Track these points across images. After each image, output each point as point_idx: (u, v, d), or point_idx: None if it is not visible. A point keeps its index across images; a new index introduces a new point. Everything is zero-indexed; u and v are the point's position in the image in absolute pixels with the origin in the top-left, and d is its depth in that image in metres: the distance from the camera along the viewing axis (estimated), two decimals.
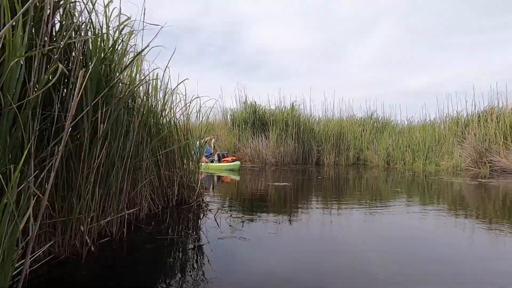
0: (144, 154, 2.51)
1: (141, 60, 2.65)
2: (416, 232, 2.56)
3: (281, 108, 11.52)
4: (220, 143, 11.15)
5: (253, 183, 5.60)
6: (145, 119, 2.67)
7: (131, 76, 2.46)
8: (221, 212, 2.86)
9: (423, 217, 3.09)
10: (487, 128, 10.32)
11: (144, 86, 2.64)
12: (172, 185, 3.19)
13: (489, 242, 2.28)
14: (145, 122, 2.65)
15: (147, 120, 2.65)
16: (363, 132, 12.63)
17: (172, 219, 2.61)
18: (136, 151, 2.44)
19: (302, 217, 2.88)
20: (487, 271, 1.72)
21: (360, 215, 3.09)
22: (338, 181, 6.55)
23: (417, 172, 9.06)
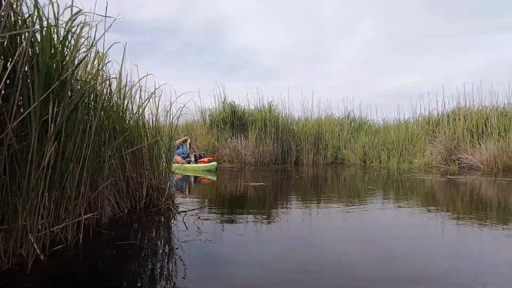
0: (106, 155, 2.38)
1: (104, 57, 2.51)
2: (392, 228, 2.65)
3: (260, 108, 11.51)
4: (199, 143, 10.98)
5: (230, 183, 5.53)
6: (108, 118, 2.54)
7: (91, 73, 2.32)
8: (190, 215, 2.77)
9: (397, 213, 3.22)
10: (455, 127, 10.83)
11: (107, 84, 2.51)
12: (140, 187, 3.06)
13: (459, 234, 2.44)
14: (108, 121, 2.52)
15: (109, 119, 2.52)
16: (341, 132, 12.88)
17: (138, 223, 2.49)
18: (97, 152, 2.31)
19: (276, 217, 2.85)
20: (459, 261, 1.84)
21: (338, 213, 3.11)
22: (316, 180, 6.62)
23: (391, 170, 9.35)
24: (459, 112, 11.22)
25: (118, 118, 2.72)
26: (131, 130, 2.93)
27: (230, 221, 2.62)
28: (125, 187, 2.85)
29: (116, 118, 2.66)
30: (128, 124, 2.93)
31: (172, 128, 3.34)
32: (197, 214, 2.79)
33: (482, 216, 3.04)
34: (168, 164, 3.31)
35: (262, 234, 2.29)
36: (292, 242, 2.14)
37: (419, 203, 3.83)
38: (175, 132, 3.52)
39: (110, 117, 2.53)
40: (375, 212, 3.24)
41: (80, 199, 2.00)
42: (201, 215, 2.76)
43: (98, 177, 2.31)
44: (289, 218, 2.81)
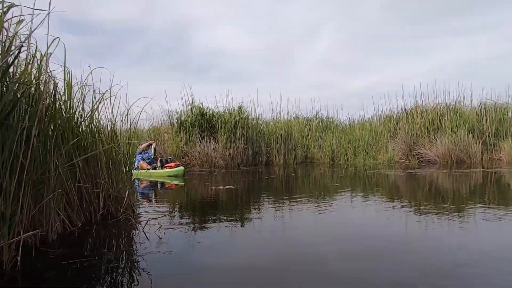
0: (52, 165, 2.15)
1: (46, 57, 2.27)
2: (360, 222, 2.81)
3: (229, 110, 11.40)
4: (166, 147, 10.61)
5: (198, 188, 5.36)
6: (54, 124, 2.31)
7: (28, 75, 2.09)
8: (152, 224, 2.60)
9: (365, 207, 3.41)
10: (414, 123, 11.52)
11: (49, 87, 2.27)
12: (96, 197, 2.82)
13: (421, 222, 2.67)
14: (54, 127, 2.29)
15: (55, 124, 2.29)
16: (309, 131, 13.18)
17: (92, 238, 2.28)
18: (40, 162, 2.07)
19: (244, 221, 2.77)
20: (422, 247, 2.00)
21: (307, 213, 3.11)
22: (287, 180, 6.65)
23: (358, 167, 9.70)
24: (416, 110, 11.97)
25: (67, 123, 2.49)
26: (83, 135, 2.70)
27: (195, 228, 2.49)
28: (78, 199, 2.60)
29: (63, 124, 2.43)
30: (79, 130, 2.69)
31: (130, 133, 3.14)
32: (159, 223, 2.62)
33: (440, 206, 3.25)
34: (127, 172, 3.10)
35: (228, 241, 2.19)
36: (261, 248, 2.07)
37: (384, 198, 4.02)
38: (135, 137, 3.31)
39: (56, 123, 2.30)
40: (344, 209, 3.36)
41: (18, 215, 1.77)
42: (164, 224, 2.60)
43: (42, 189, 2.08)
44: (258, 222, 2.74)
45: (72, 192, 2.54)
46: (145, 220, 2.77)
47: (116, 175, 2.98)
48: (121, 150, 3.01)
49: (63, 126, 2.42)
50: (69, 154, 2.55)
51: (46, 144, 2.15)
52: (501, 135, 10.58)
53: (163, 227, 2.50)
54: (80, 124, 2.72)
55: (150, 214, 2.98)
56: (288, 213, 3.13)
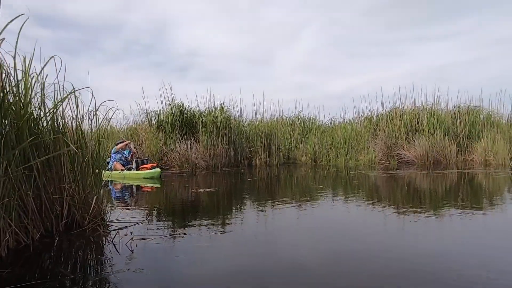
0: (0, 168, 1.84)
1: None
2: (343, 225, 2.82)
3: (211, 109, 11.09)
4: (144, 148, 10.13)
5: (177, 191, 5.07)
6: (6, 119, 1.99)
7: None
8: (124, 234, 2.33)
9: (346, 208, 3.44)
10: (393, 125, 11.75)
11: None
12: (59, 204, 2.50)
13: (401, 222, 2.79)
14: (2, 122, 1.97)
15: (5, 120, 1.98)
16: (292, 132, 13.11)
17: (49, 253, 1.98)
18: None
19: (225, 229, 2.55)
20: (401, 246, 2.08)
21: (291, 215, 3.00)
22: (270, 181, 6.48)
23: (340, 168, 9.72)
24: (395, 112, 12.22)
25: (22, 119, 2.16)
26: (43, 134, 2.37)
27: (172, 239, 2.24)
28: (37, 207, 2.28)
29: (17, 120, 2.10)
30: (38, 128, 2.37)
31: (99, 132, 2.83)
32: (132, 233, 2.35)
33: (419, 207, 3.37)
34: (97, 175, 2.79)
35: (209, 255, 1.97)
36: (245, 263, 1.86)
37: (365, 198, 4.04)
38: (104, 137, 3.00)
39: (6, 116, 1.98)
40: (325, 210, 3.37)
41: None
42: (137, 234, 2.34)
43: None
44: (240, 231, 2.53)
45: (29, 198, 2.22)
46: (115, 229, 2.49)
47: (83, 179, 2.67)
48: (89, 151, 2.69)
49: (16, 123, 2.10)
50: (25, 156, 2.23)
51: None
52: (474, 137, 11.01)
53: (135, 237, 2.24)
54: (39, 121, 2.39)
55: (122, 222, 2.69)
56: (271, 219, 2.95)
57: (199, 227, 2.59)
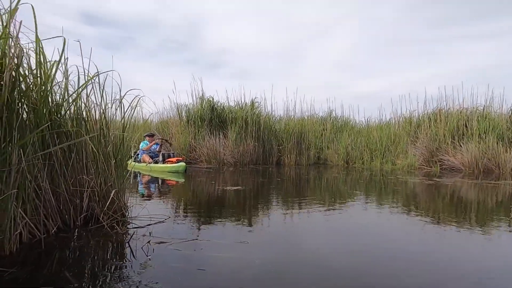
0: (13, 155, 1.69)
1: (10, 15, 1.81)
2: (379, 235, 2.49)
3: (241, 105, 10.88)
4: (174, 141, 10.18)
5: (203, 188, 4.88)
6: (22, 102, 1.85)
7: None
8: (141, 235, 2.12)
9: (379, 216, 3.13)
10: (437, 128, 10.74)
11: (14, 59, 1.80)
12: (79, 197, 2.36)
13: (442, 236, 2.44)
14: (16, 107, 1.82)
15: (21, 103, 1.83)
16: (323, 131, 12.53)
17: (60, 252, 1.80)
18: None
19: (253, 238, 2.25)
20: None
21: (323, 223, 2.64)
22: (299, 182, 6.11)
23: (374, 171, 9.06)
24: (439, 113, 11.16)
25: (42, 103, 2.02)
26: (62, 121, 2.23)
27: (192, 243, 1.99)
28: (53, 199, 2.15)
29: (35, 103, 1.96)
30: (58, 115, 2.23)
31: (124, 122, 2.65)
32: (150, 234, 2.13)
33: (463, 220, 2.95)
34: (119, 167, 2.62)
35: (230, 266, 1.68)
36: (272, 278, 1.55)
37: (402, 206, 3.63)
38: (129, 128, 2.83)
39: (21, 99, 1.83)
40: (358, 216, 3.06)
41: None
42: (156, 234, 2.12)
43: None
44: (267, 238, 2.23)
45: (47, 190, 2.08)
46: (134, 228, 2.29)
47: (105, 171, 2.51)
48: (111, 142, 2.52)
49: (34, 107, 1.95)
50: (44, 143, 2.10)
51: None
52: None
53: (154, 239, 2.01)
54: (60, 107, 2.25)
55: (142, 220, 2.50)
56: (302, 227, 2.61)
57: (223, 232, 2.32)
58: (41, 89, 1.99)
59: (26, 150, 1.79)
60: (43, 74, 2.02)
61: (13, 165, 1.67)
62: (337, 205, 3.56)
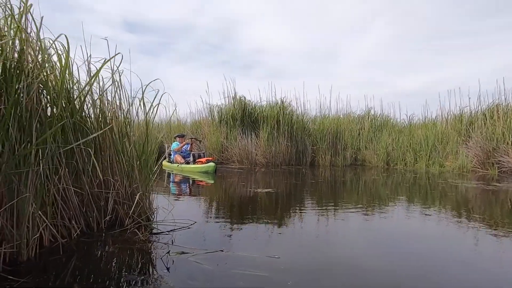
0: (31, 157, 1.61)
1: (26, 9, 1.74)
2: (420, 241, 2.28)
3: (273, 104, 10.62)
4: (206, 142, 10.23)
5: (233, 190, 4.70)
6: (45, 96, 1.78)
7: None
8: (163, 243, 1.96)
9: (425, 223, 2.80)
10: (494, 126, 9.54)
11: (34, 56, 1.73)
12: (104, 199, 2.28)
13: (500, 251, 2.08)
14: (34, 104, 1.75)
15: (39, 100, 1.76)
16: (361, 131, 11.79)
17: (77, 259, 1.69)
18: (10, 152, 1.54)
19: (281, 249, 1.99)
20: None
21: (360, 230, 2.32)
22: (334, 185, 5.69)
23: (419, 174, 8.26)
24: (497, 110, 9.91)
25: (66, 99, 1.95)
26: (84, 119, 2.15)
27: (216, 256, 1.78)
28: (77, 201, 2.07)
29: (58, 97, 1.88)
30: (81, 113, 2.16)
31: (147, 121, 2.53)
32: (173, 242, 1.97)
33: None
34: (143, 168, 2.51)
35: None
36: None
37: (457, 215, 3.15)
38: (152, 127, 2.71)
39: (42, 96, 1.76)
40: (406, 226, 2.69)
41: None
42: (178, 241, 1.95)
43: (15, 192, 1.54)
44: (302, 252, 1.95)
45: (70, 191, 2.01)
46: (157, 233, 2.15)
47: (129, 172, 2.41)
48: (132, 141, 2.42)
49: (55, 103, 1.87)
50: (67, 142, 2.03)
51: (20, 126, 1.60)
52: None
53: (176, 248, 1.84)
54: (82, 104, 2.17)
55: (167, 224, 2.36)
56: (340, 237, 2.28)
57: (251, 243, 2.08)
58: (59, 82, 1.91)
59: (45, 150, 1.71)
60: (62, 68, 1.94)
61: (31, 165, 1.59)
62: (378, 212, 3.16)
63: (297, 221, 2.76)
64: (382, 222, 2.76)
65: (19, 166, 1.56)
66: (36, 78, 1.71)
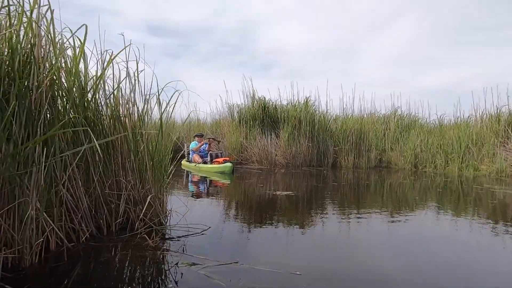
0: (35, 156, 1.51)
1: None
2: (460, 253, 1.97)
3: (294, 103, 10.34)
4: (226, 142, 10.14)
5: (249, 192, 4.52)
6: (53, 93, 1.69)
7: None
8: (173, 252, 1.82)
9: (458, 232, 2.51)
10: None
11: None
12: (115, 201, 2.18)
13: None
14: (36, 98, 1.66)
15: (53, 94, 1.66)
16: (386, 131, 11.22)
17: (82, 266, 1.58)
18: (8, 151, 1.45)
19: (304, 263, 1.78)
20: None
21: (388, 241, 2.04)
22: (358, 188, 5.37)
23: (451, 177, 7.68)
24: None
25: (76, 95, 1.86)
26: (96, 115, 2.06)
27: (229, 270, 1.60)
28: (87, 202, 1.98)
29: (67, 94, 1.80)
30: (97, 114, 2.07)
31: (162, 120, 2.41)
32: (184, 250, 1.82)
33: None
34: (156, 169, 2.39)
35: None
36: None
37: (488, 222, 2.82)
38: (167, 126, 2.59)
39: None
40: (442, 239, 2.31)
41: None
42: (189, 252, 1.80)
43: (16, 193, 1.45)
44: (325, 268, 1.73)
45: (80, 192, 1.92)
46: (169, 238, 2.02)
47: (142, 173, 2.30)
48: (145, 141, 2.30)
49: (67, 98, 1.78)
50: (78, 142, 1.94)
51: (21, 123, 1.50)
52: None
53: (186, 258, 1.69)
54: (93, 100, 2.08)
55: (180, 230, 2.22)
56: (367, 250, 2.03)
57: (269, 254, 1.89)
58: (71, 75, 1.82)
59: (50, 148, 1.62)
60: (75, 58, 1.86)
61: (35, 164, 1.50)
62: (406, 221, 2.86)
63: (319, 229, 2.53)
64: (413, 232, 2.47)
65: (22, 165, 1.47)
66: (47, 71, 1.63)
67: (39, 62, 1.61)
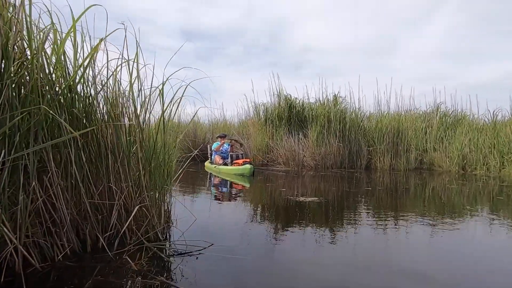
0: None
1: None
2: None
3: (323, 101, 9.72)
4: (251, 142, 9.80)
5: (267, 197, 4.09)
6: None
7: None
8: (162, 275, 1.47)
9: None
10: None
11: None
12: (106, 211, 1.90)
13: None
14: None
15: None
16: (428, 129, 10.13)
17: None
18: None
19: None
20: None
21: (435, 266, 1.47)
22: (396, 194, 4.71)
23: (508, 181, 6.62)
24: None
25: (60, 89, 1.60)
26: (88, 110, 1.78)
27: None
28: (70, 213, 1.71)
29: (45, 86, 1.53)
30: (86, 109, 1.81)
31: (163, 121, 2.08)
32: (173, 280, 1.46)
33: None
34: (155, 175, 2.08)
35: None
36: None
37: None
38: (169, 126, 2.26)
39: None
40: None
41: None
42: (183, 280, 1.44)
43: None
44: None
45: (59, 201, 1.65)
46: (160, 258, 1.68)
47: (137, 179, 2.00)
48: (138, 141, 1.99)
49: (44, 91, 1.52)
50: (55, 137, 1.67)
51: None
52: None
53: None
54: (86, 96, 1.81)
55: (177, 244, 1.88)
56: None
57: (284, 278, 1.47)
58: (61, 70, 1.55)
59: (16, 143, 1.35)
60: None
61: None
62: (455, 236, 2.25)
63: (348, 252, 2.05)
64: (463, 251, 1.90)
65: None
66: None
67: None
